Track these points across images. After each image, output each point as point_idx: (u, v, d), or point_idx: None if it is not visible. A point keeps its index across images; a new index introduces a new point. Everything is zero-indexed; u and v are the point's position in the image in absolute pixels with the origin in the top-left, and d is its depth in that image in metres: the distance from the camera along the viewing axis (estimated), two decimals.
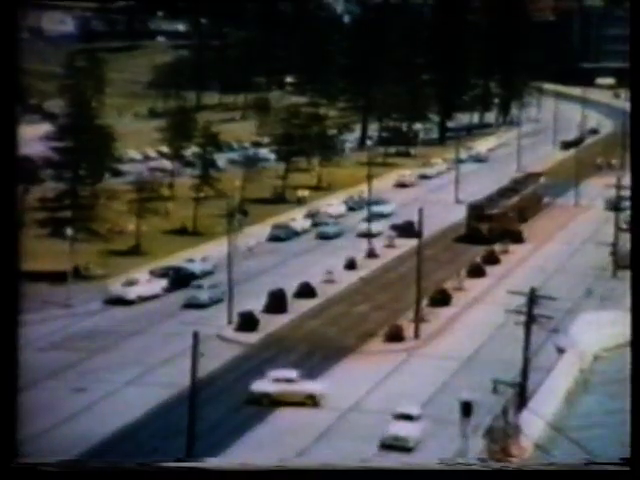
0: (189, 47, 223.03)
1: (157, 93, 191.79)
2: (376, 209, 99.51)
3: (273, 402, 53.17)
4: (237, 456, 46.53)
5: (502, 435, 30.18)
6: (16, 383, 13.91)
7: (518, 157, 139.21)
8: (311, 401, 53.47)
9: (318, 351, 62.70)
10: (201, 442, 40.54)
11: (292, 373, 54.84)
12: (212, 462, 13.30)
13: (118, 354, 62.04)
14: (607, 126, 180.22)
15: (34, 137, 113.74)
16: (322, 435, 49.70)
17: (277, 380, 54.01)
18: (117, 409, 52.50)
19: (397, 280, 79.66)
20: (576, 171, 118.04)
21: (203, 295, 73.13)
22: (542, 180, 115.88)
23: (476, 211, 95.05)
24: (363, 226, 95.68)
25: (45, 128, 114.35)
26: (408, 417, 49.53)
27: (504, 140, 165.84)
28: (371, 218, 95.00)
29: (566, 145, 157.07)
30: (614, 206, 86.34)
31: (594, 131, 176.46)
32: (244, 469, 13.04)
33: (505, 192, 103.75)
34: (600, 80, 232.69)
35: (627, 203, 73.94)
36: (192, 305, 72.18)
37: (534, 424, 31.02)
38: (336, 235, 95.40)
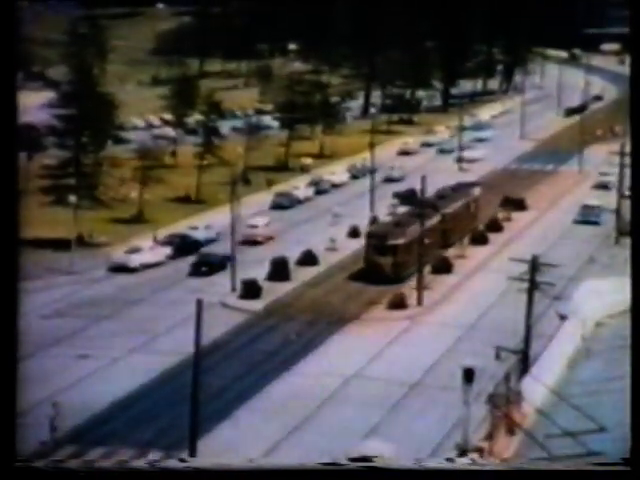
0: (191, 14, 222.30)
1: (160, 60, 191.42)
2: (476, 134, 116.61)
3: None
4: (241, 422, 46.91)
5: (504, 401, 30.32)
6: (15, 384, 13.93)
7: (521, 124, 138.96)
8: None
9: (321, 318, 62.88)
10: (205, 408, 40.66)
11: None
12: (212, 462, 13.38)
13: (121, 321, 62.23)
14: (612, 92, 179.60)
15: (37, 104, 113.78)
16: (326, 401, 49.91)
17: None
18: (121, 376, 52.70)
19: None
20: (580, 138, 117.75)
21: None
22: (477, 191, 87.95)
23: (376, 241, 70.78)
24: (463, 153, 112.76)
25: (47, 95, 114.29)
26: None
27: (508, 107, 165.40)
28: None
29: (570, 112, 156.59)
30: (586, 220, 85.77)
31: (598, 97, 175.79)
32: (244, 469, 13.13)
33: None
34: (605, 46, 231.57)
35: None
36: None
37: (536, 390, 31.15)
38: None
